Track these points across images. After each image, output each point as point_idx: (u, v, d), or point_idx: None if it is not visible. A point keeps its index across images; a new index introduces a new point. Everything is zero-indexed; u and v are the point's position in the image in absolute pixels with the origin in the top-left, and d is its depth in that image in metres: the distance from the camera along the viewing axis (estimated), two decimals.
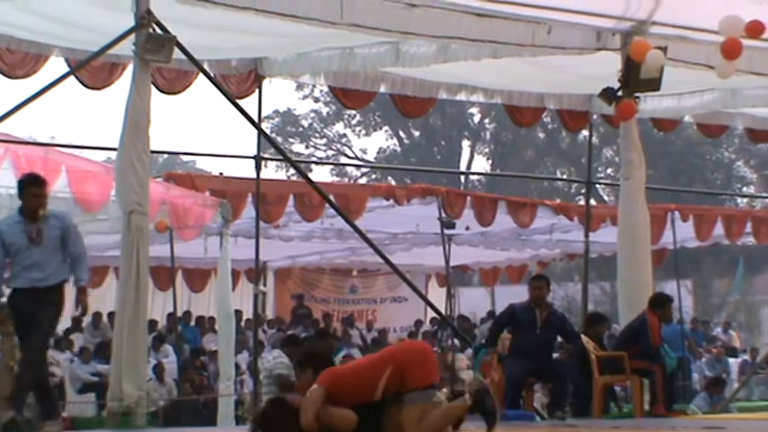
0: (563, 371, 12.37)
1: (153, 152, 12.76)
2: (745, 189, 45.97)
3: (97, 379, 17.80)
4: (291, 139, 49.59)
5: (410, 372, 8.03)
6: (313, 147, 50.77)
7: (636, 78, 13.36)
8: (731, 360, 22.99)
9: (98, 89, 13.61)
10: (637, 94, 13.74)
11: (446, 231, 21.30)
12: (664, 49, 13.11)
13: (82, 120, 77.79)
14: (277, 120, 49.22)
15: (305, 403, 7.99)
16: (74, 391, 18.04)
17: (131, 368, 11.45)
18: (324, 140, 51.20)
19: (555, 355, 12.85)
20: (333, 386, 8.07)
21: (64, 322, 22.75)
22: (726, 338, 26.95)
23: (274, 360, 13.30)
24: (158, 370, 18.06)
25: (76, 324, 22.22)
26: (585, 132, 20.99)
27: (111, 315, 19.53)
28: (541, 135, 47.76)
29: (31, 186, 9.83)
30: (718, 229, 22.82)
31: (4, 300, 11.30)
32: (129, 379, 11.37)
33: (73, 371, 18.31)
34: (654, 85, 13.49)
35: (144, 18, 11.31)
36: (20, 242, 9.70)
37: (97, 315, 22.35)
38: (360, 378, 8.19)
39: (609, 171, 45.42)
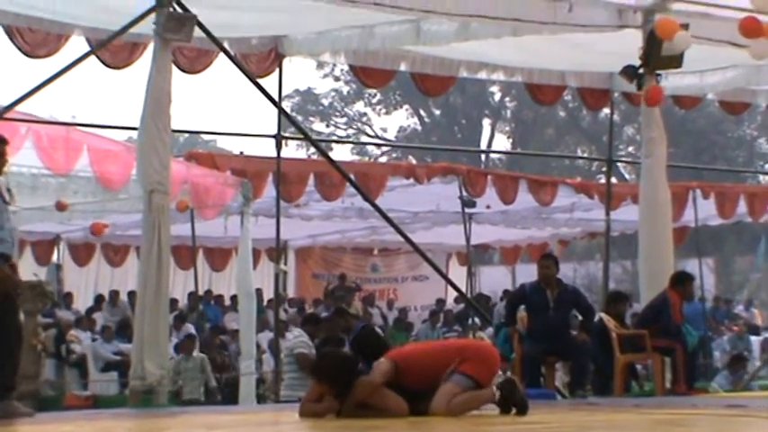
0: (582, 349, 12.35)
1: (174, 131, 12.81)
2: (767, 166, 45.74)
3: (119, 358, 17.85)
4: (312, 118, 49.57)
5: (472, 365, 8.40)
6: (333, 126, 50.75)
7: (657, 56, 13.30)
8: (753, 338, 22.89)
9: (119, 68, 13.63)
10: (658, 72, 13.68)
11: (467, 210, 21.28)
12: (686, 26, 13.04)
13: (103, 99, 77.87)
14: (297, 99, 49.19)
15: (376, 368, 8.31)
16: (96, 370, 18.10)
17: (153, 347, 11.50)
18: (344, 119, 51.17)
19: (574, 333, 12.83)
20: (401, 364, 8.26)
21: (86, 301, 23.00)
22: (748, 316, 26.87)
23: (295, 339, 13.29)
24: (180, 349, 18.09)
25: (97, 303, 22.33)
26: (606, 110, 20.93)
27: (131, 294, 19.61)
28: (562, 113, 47.61)
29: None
30: (741, 207, 22.70)
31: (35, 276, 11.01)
32: (150, 358, 11.43)
33: (95, 349, 18.37)
34: (675, 62, 13.43)
35: None
36: None
37: (115, 293, 22.46)
38: (429, 364, 8.49)
39: (630, 149, 45.27)
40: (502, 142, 51.52)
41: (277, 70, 14.78)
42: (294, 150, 44.23)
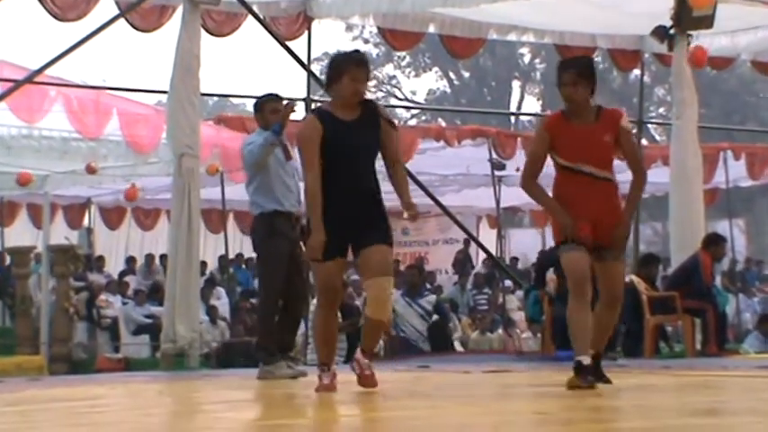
0: None
1: (203, 95, 12.84)
2: None
3: (151, 321, 17.95)
4: None
5: None
6: None
7: (689, 16, 13.21)
8: None
9: (148, 32, 13.64)
10: (689, 32, 13.58)
11: (496, 173, 21.22)
12: None
13: (132, 63, 77.99)
14: (326, 61, 49.03)
15: None
16: (128, 333, 18.21)
17: (184, 310, 11.58)
18: (373, 82, 51.03)
19: None
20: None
21: (118, 265, 23.12)
22: None
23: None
24: (211, 312, 18.18)
25: (129, 266, 22.45)
26: (637, 71, 20.77)
27: (163, 258, 19.70)
28: None
29: (273, 102, 9.72)
30: None
31: (66, 240, 11.12)
32: (182, 321, 11.50)
33: (127, 313, 18.48)
34: (707, 22, 13.33)
35: None
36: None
37: (149, 257, 22.54)
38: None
39: (660, 110, 44.99)
40: (532, 104, 51.30)
41: (306, 33, 14.74)
42: None
